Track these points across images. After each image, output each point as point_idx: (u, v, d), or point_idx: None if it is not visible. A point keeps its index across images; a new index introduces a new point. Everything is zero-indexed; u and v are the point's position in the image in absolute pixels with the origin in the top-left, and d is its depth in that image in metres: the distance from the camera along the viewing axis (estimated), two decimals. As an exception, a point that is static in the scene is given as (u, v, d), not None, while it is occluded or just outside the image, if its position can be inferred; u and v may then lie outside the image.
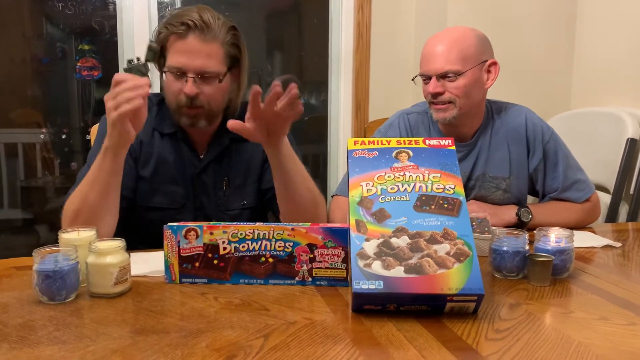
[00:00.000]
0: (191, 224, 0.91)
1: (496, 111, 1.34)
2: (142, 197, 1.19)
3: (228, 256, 0.90)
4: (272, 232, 0.89)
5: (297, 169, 1.08)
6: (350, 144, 0.92)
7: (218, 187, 1.22)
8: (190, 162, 1.21)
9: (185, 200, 1.20)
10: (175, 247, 0.90)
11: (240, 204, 1.22)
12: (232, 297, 0.85)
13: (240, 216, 1.22)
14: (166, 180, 1.19)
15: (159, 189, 1.19)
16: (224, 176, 1.21)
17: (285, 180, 1.10)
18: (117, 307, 0.81)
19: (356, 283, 0.75)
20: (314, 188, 1.12)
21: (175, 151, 1.20)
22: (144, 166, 1.20)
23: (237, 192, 1.21)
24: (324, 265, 0.89)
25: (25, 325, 0.75)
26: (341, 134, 2.25)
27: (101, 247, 0.85)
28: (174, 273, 0.91)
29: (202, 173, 1.22)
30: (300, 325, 0.75)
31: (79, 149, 2.90)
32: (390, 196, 0.84)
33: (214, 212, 1.21)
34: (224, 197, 1.22)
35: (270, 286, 0.90)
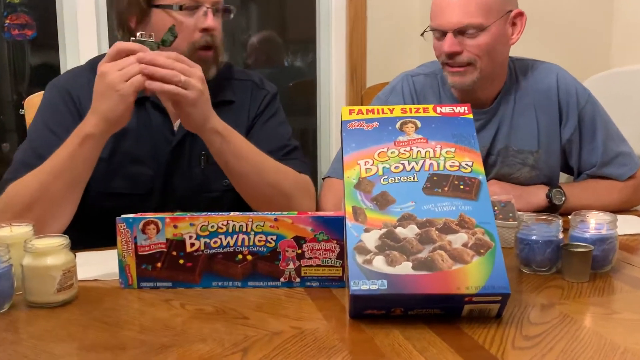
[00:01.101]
0: (150, 215, 0.90)
1: (521, 71, 1.33)
2: (96, 181, 1.16)
3: (197, 254, 0.89)
4: (251, 224, 0.89)
5: (245, 163, 1.08)
6: (344, 113, 0.91)
7: (194, 164, 1.22)
8: (161, 136, 1.21)
9: (153, 183, 1.19)
10: (131, 244, 0.90)
11: (223, 183, 1.21)
12: (203, 303, 0.85)
13: (222, 200, 1.22)
14: (129, 158, 1.19)
15: (119, 171, 1.18)
16: (201, 150, 1.20)
17: (232, 178, 1.11)
18: (61, 319, 0.80)
19: (354, 283, 0.75)
20: (278, 181, 1.12)
21: (142, 122, 1.20)
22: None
23: (217, 169, 1.19)
24: (315, 263, 0.89)
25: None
26: (333, 103, 2.23)
27: (40, 245, 0.84)
28: (131, 276, 0.90)
29: (177, 148, 1.21)
30: (287, 336, 0.74)
31: (12, 126, 2.85)
32: (394, 177, 0.84)
33: (189, 196, 1.21)
34: (201, 176, 1.21)
35: (250, 289, 0.89)
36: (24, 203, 1.01)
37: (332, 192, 1.25)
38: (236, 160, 1.08)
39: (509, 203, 1.09)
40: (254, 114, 1.24)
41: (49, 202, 1.01)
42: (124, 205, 1.04)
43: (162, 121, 1.21)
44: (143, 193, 1.19)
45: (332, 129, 2.24)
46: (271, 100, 1.27)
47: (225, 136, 1.05)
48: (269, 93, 1.28)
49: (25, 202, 1.01)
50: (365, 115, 0.90)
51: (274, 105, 1.27)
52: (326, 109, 2.25)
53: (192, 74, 1.00)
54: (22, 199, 1.02)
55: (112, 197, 1.18)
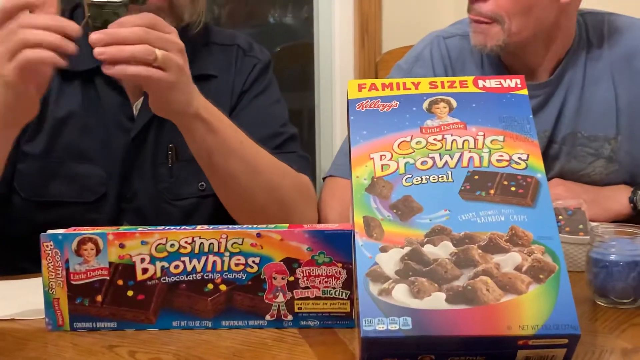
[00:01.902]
0: (87, 230, 0.90)
1: (594, 29, 1.34)
2: (26, 186, 1.19)
3: (151, 283, 0.89)
4: (225, 241, 0.89)
5: (235, 159, 1.09)
6: (352, 89, 0.91)
7: (159, 161, 1.23)
8: (116, 123, 1.21)
9: (106, 187, 1.20)
10: (61, 270, 0.90)
11: (197, 187, 1.23)
12: (161, 351, 0.84)
13: (198, 209, 1.24)
14: (72, 155, 1.19)
15: (57, 171, 1.19)
16: (169, 142, 1.21)
17: (214, 179, 1.11)
18: None
19: (367, 322, 0.75)
20: (275, 184, 1.12)
21: (90, 104, 1.20)
22: (33, 135, 1.19)
23: (191, 168, 1.21)
24: (313, 294, 0.89)
25: None
26: (337, 75, 2.24)
27: None
28: (61, 314, 0.90)
29: (137, 140, 1.21)
30: (276, 396, 0.74)
31: None
32: (420, 175, 0.83)
33: (153, 205, 1.22)
34: (169, 178, 1.22)
35: (224, 331, 0.89)
36: None
37: (337, 196, 1.26)
38: (223, 155, 1.08)
39: (578, 210, 1.09)
40: (240, 90, 1.25)
41: None
42: (63, 218, 1.04)
43: (117, 103, 1.21)
44: (91, 201, 1.20)
45: (335, 110, 2.24)
46: (262, 71, 1.27)
47: (210, 123, 1.05)
48: (260, 62, 1.29)
49: None
50: (380, 92, 0.90)
51: (265, 78, 1.27)
52: (327, 83, 2.26)
53: (169, 45, 0.96)
54: None
55: (48, 207, 1.18)
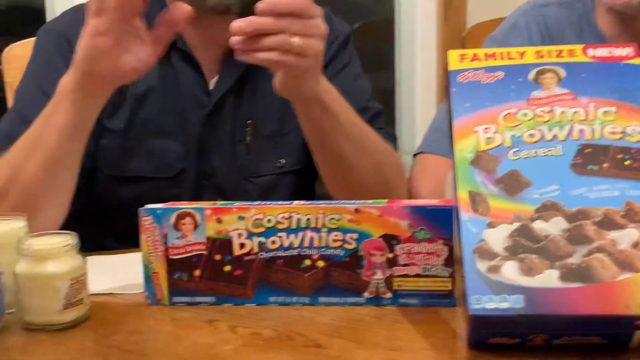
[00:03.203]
0: (185, 205, 0.91)
1: None
2: (109, 162, 1.21)
3: (249, 259, 0.90)
4: (323, 217, 0.88)
5: (346, 139, 1.09)
6: (452, 59, 0.90)
7: (237, 138, 1.23)
8: (192, 98, 1.22)
9: (184, 163, 1.21)
10: (160, 245, 0.91)
11: (276, 164, 1.24)
12: (260, 326, 0.85)
13: (276, 186, 1.25)
14: (150, 130, 1.21)
15: (138, 148, 1.21)
16: (248, 118, 1.21)
17: (324, 159, 1.11)
18: (69, 347, 0.82)
19: (475, 300, 0.73)
20: (380, 163, 1.12)
21: (167, 79, 1.21)
22: (114, 111, 1.21)
23: (270, 144, 1.23)
24: (413, 272, 0.88)
25: None
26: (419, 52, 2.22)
27: (39, 246, 0.85)
28: (160, 288, 0.92)
29: (213, 115, 1.22)
30: (382, 373, 0.74)
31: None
32: (528, 149, 0.82)
33: (231, 182, 1.23)
34: (247, 155, 1.23)
35: (321, 308, 0.89)
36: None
37: (429, 173, 1.24)
38: (336, 136, 1.08)
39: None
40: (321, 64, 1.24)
41: (23, 190, 1.03)
42: (145, 194, 1.06)
43: (193, 78, 1.22)
44: (171, 177, 1.21)
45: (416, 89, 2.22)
46: (343, 44, 1.27)
47: (328, 106, 1.05)
48: (341, 34, 1.28)
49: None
50: (483, 62, 0.88)
51: (346, 52, 1.27)
52: (409, 61, 2.24)
53: (312, 31, 0.95)
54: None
55: (129, 183, 1.21)
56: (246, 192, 1.22)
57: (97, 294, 0.93)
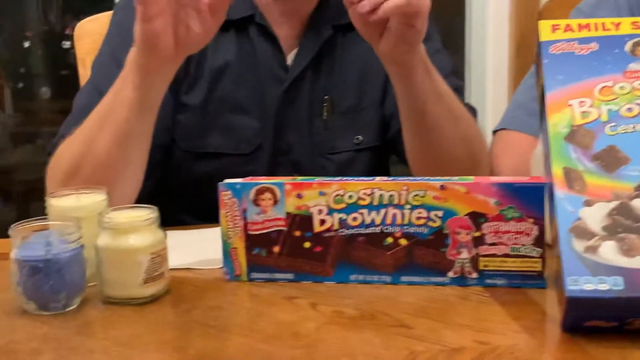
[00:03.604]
0: (264, 180, 0.90)
1: None
2: (185, 138, 1.21)
3: (329, 235, 0.89)
4: (406, 194, 0.87)
5: (442, 106, 1.07)
6: (544, 30, 0.87)
7: (314, 114, 1.23)
8: (270, 72, 1.22)
9: (261, 139, 1.22)
10: (239, 220, 0.90)
11: (353, 141, 1.24)
12: (342, 304, 0.84)
13: (353, 164, 1.24)
14: (228, 106, 1.21)
15: (215, 124, 1.21)
16: (325, 93, 1.21)
17: (418, 128, 1.10)
18: (150, 321, 0.82)
19: (572, 281, 0.71)
20: (471, 135, 1.11)
21: (245, 54, 1.21)
22: (191, 87, 1.21)
23: (347, 120, 1.22)
24: (501, 252, 0.86)
25: (7, 350, 0.76)
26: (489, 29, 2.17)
27: (120, 219, 0.85)
28: (239, 264, 0.91)
29: (291, 91, 1.22)
30: (474, 354, 0.72)
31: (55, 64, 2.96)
32: (627, 124, 0.79)
33: (307, 158, 1.23)
34: (324, 131, 1.23)
35: (404, 287, 0.88)
36: (69, 165, 1.05)
37: (510, 150, 1.22)
38: (435, 102, 1.06)
39: None
40: None
41: (95, 164, 1.03)
42: (221, 170, 1.05)
43: (271, 52, 1.22)
44: (247, 153, 1.22)
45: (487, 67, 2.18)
46: None
47: (429, 69, 1.04)
48: None
49: (69, 164, 1.05)
50: (577, 33, 0.85)
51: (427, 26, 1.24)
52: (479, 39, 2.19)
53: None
54: (66, 159, 1.06)
55: (206, 159, 1.21)
56: (322, 169, 1.21)
57: (175, 269, 0.93)
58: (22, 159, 3.42)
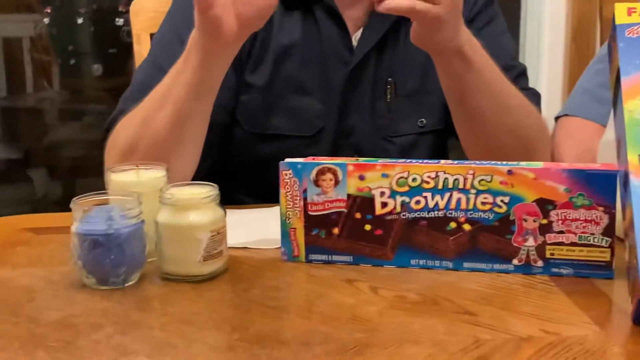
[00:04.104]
0: (326, 160, 0.89)
1: None
2: (248, 118, 1.21)
3: (390, 218, 0.88)
4: (472, 178, 0.85)
5: (486, 98, 1.05)
6: (619, 14, 0.84)
7: (378, 96, 1.22)
8: (335, 53, 1.21)
9: (324, 121, 1.21)
10: (299, 200, 0.89)
11: (416, 123, 1.23)
12: (403, 289, 0.84)
13: (416, 147, 1.23)
14: (291, 87, 1.21)
15: (279, 105, 1.20)
16: (388, 76, 1.21)
17: (460, 116, 1.09)
18: (209, 299, 0.82)
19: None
20: (521, 124, 1.09)
21: (310, 35, 1.20)
22: (255, 67, 1.21)
23: (411, 103, 1.21)
24: (569, 240, 0.84)
25: (67, 323, 0.76)
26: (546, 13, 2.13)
27: (181, 196, 0.85)
28: (297, 245, 0.91)
29: (355, 73, 1.21)
30: (542, 344, 0.70)
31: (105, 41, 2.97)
32: None
33: (370, 141, 1.22)
34: (387, 113, 1.22)
35: (465, 273, 0.87)
36: (126, 143, 1.05)
37: (573, 137, 1.19)
38: (475, 94, 1.05)
39: None
40: (464, 19, 1.21)
41: (152, 143, 1.03)
42: (282, 152, 1.05)
43: (336, 34, 1.20)
44: (310, 135, 1.21)
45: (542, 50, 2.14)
46: (488, 1, 1.22)
47: (469, 61, 1.02)
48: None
49: (127, 142, 1.05)
50: (655, 17, 0.82)
51: (492, 8, 1.23)
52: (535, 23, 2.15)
53: None
54: (124, 137, 1.06)
55: (268, 140, 1.21)
56: (384, 152, 1.20)
57: (232, 247, 0.93)
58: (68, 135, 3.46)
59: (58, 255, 0.94)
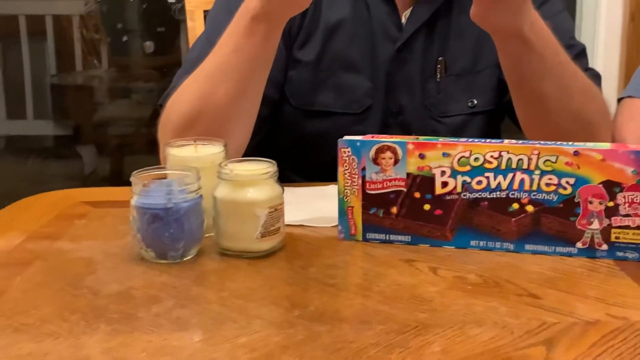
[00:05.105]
0: (386, 138, 0.88)
1: None
2: (296, 94, 1.21)
3: (450, 198, 0.87)
4: (536, 158, 0.83)
5: (548, 82, 1.02)
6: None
7: (427, 75, 1.21)
8: (384, 30, 1.20)
9: (372, 99, 1.21)
10: (357, 178, 0.89)
11: (467, 104, 1.21)
12: (463, 270, 0.83)
13: (466, 128, 1.22)
14: (340, 64, 1.20)
15: (327, 81, 1.20)
16: (439, 54, 1.20)
17: (520, 99, 1.07)
18: (267, 275, 0.82)
19: None
20: (584, 107, 1.06)
21: (359, 12, 1.20)
22: (305, 42, 1.21)
23: (461, 82, 1.20)
24: (635, 223, 0.82)
25: (127, 295, 0.77)
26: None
27: (240, 172, 0.85)
28: (354, 223, 0.90)
29: (404, 51, 1.20)
30: (609, 329, 0.69)
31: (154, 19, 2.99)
32: None
33: (419, 120, 1.21)
34: (437, 93, 1.21)
35: (527, 256, 0.86)
36: (183, 118, 1.05)
37: (636, 119, 1.16)
38: (536, 78, 1.02)
39: None
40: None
41: (212, 117, 1.03)
42: (330, 129, 1.05)
43: (386, 10, 1.20)
44: (358, 113, 1.20)
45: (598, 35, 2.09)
46: None
47: (531, 45, 0.99)
48: None
49: (184, 117, 1.05)
50: None
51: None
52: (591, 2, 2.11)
53: None
54: (180, 112, 1.06)
55: (316, 117, 1.20)
56: (434, 133, 1.18)
57: (289, 225, 0.92)
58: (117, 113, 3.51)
59: (116, 229, 0.95)
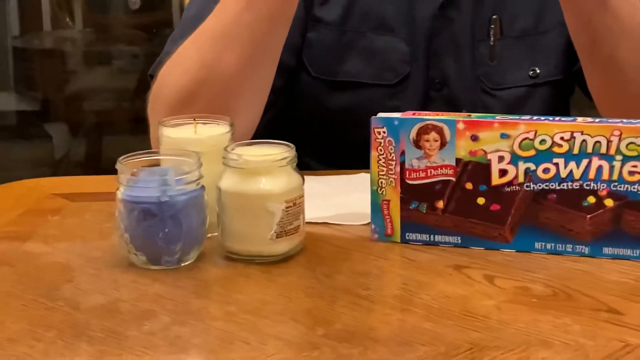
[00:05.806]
0: (431, 115, 0.89)
1: None
2: (317, 62, 1.22)
3: (510, 190, 0.87)
4: (617, 141, 0.84)
5: (624, 45, 1.05)
6: None
7: (478, 38, 1.23)
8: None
9: (409, 67, 1.21)
10: (394, 165, 0.90)
11: (527, 73, 1.22)
12: (526, 279, 0.83)
13: (526, 103, 1.23)
14: (371, 25, 1.22)
15: (354, 45, 1.22)
16: (492, 12, 1.20)
17: (591, 66, 1.08)
18: (282, 284, 0.83)
19: None
20: None
21: None
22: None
23: (521, 47, 1.21)
24: None
25: (112, 309, 0.78)
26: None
27: (251, 157, 0.86)
28: (391, 221, 0.91)
29: (448, 7, 1.22)
30: None
31: None
32: None
33: (467, 94, 1.23)
34: (490, 60, 1.22)
35: (607, 261, 0.87)
36: (183, 91, 1.06)
37: None
38: (611, 41, 1.04)
39: None
40: None
41: (219, 90, 1.05)
42: (358, 104, 1.07)
43: None
44: (392, 84, 1.21)
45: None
46: None
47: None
48: None
49: (184, 90, 1.06)
50: None
51: None
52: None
53: None
54: (179, 84, 1.07)
55: (340, 89, 1.22)
56: (485, 109, 1.20)
57: (310, 223, 0.93)
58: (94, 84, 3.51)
59: (97, 227, 0.96)
